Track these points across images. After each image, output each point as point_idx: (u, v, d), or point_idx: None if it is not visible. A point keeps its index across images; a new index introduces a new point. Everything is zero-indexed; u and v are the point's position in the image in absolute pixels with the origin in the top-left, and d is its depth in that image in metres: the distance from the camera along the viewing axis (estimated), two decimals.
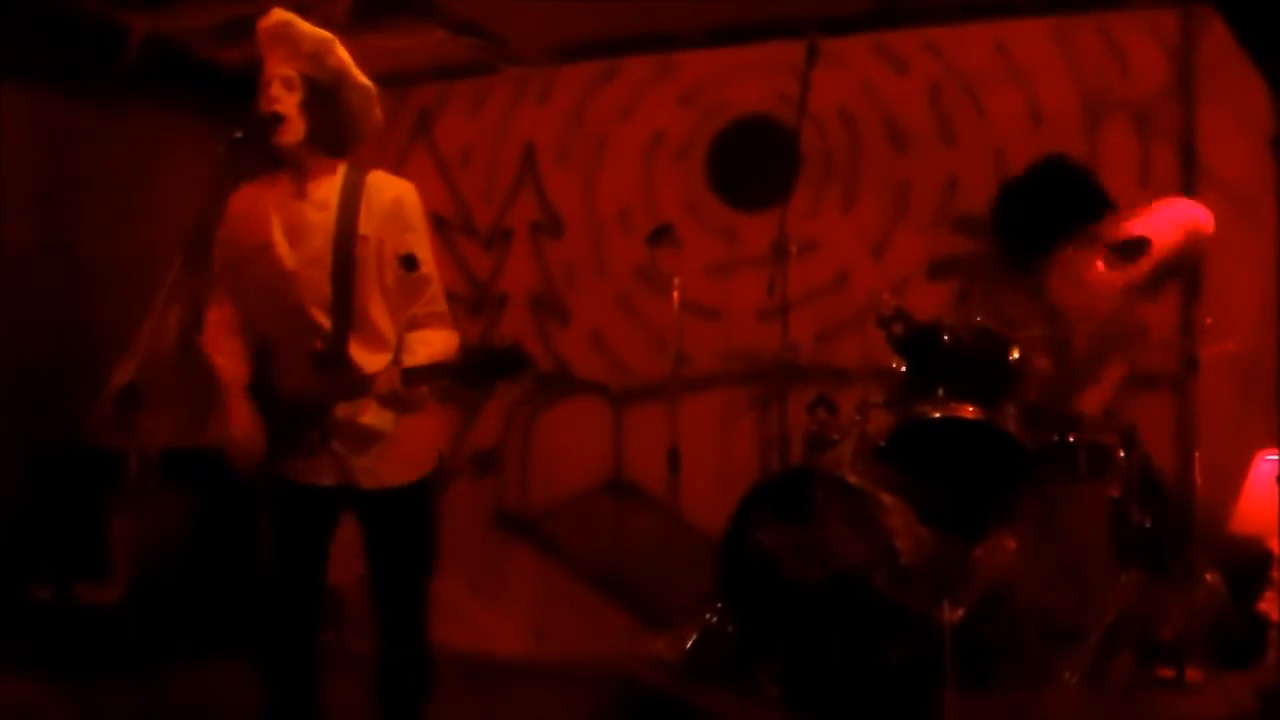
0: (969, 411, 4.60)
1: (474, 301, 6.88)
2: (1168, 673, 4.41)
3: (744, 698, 4.45)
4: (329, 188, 3.86)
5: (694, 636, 4.85)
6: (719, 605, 4.80)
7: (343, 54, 3.86)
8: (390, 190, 3.88)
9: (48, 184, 6.08)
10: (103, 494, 5.63)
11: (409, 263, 3.83)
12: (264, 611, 3.99)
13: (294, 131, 3.78)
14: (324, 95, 3.81)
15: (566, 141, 6.83)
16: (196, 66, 6.54)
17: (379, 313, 3.84)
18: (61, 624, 5.49)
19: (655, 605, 5.94)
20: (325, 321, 3.79)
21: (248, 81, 3.89)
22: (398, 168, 6.93)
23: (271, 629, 4.01)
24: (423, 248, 3.89)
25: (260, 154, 3.92)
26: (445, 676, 4.41)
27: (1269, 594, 4.78)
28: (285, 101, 3.76)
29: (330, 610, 4.68)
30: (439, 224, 6.97)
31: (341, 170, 3.89)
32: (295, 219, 3.83)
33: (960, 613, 4.15)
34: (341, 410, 3.80)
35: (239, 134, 3.77)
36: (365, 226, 3.81)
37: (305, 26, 3.81)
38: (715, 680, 4.62)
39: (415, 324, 3.88)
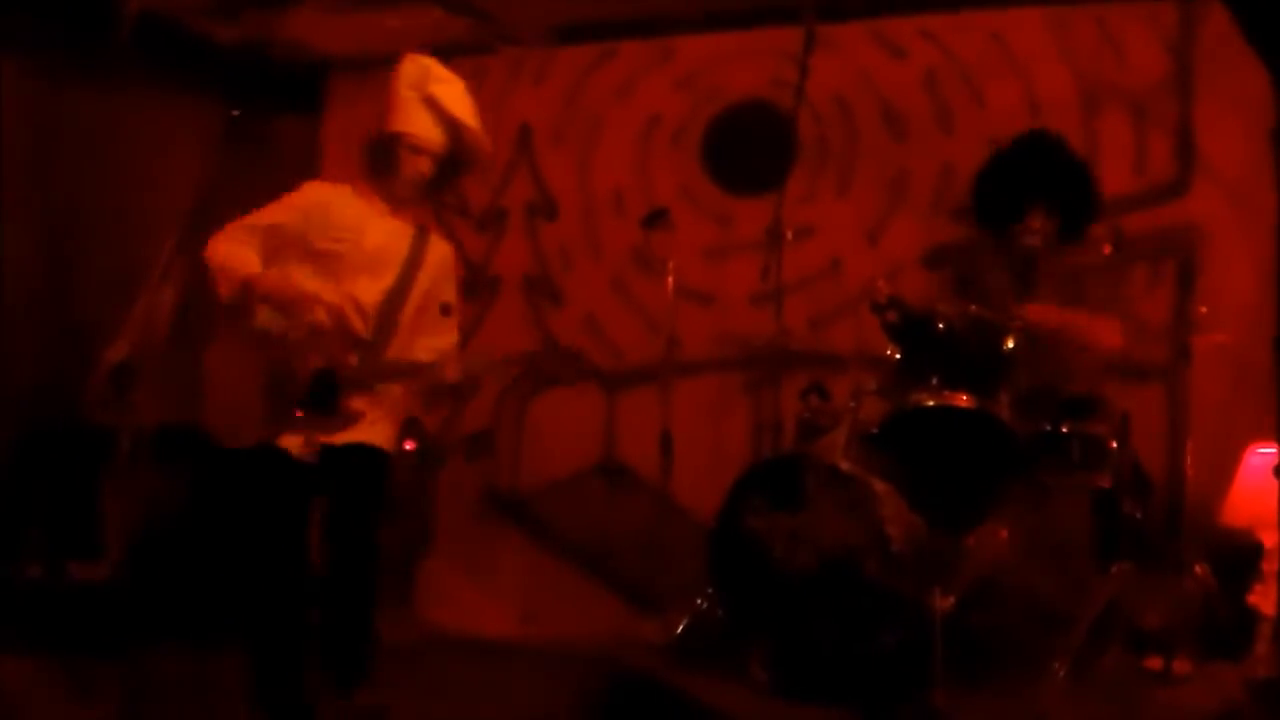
0: (963, 400, 4.60)
1: (468, 284, 6.85)
2: (1155, 664, 4.43)
3: (733, 683, 4.45)
4: (407, 222, 4.39)
5: (684, 621, 4.86)
6: (710, 590, 4.81)
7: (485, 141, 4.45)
8: (443, 246, 4.48)
9: (41, 160, 6.05)
10: (95, 471, 5.62)
11: (446, 309, 4.40)
12: (254, 585, 4.20)
13: (420, 186, 4.38)
14: (455, 165, 4.41)
15: (562, 123, 6.81)
16: (191, 42, 6.51)
17: (408, 327, 4.32)
18: (52, 601, 5.48)
19: (646, 589, 5.93)
20: (370, 315, 4.25)
21: (242, 58, 3.89)
22: None
23: (261, 600, 4.21)
24: (455, 298, 4.49)
25: (255, 133, 3.95)
26: (434, 656, 4.43)
27: (1258, 586, 4.80)
28: (429, 172, 4.34)
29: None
30: (433, 204, 6.95)
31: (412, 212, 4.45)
32: (382, 232, 4.32)
33: (951, 601, 4.16)
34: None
35: (236, 112, 3.81)
36: (429, 262, 4.37)
37: (485, 141, 4.43)
38: (705, 665, 4.63)
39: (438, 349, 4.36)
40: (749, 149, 6.37)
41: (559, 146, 6.81)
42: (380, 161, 4.32)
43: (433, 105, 4.31)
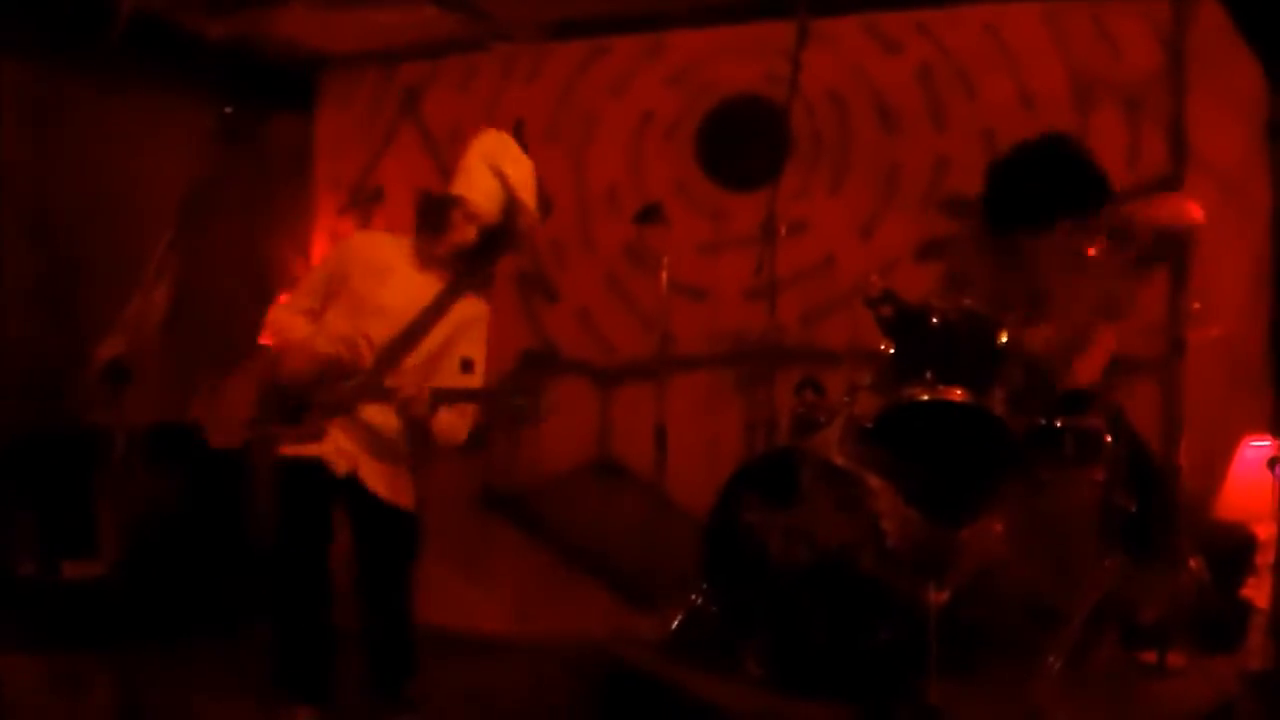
0: (957, 394, 4.59)
1: None
2: (1150, 657, 4.43)
3: (728, 679, 4.45)
4: (438, 278, 4.59)
5: (679, 617, 4.85)
6: (704, 586, 4.80)
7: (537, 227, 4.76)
8: (477, 307, 4.65)
9: (33, 158, 6.04)
10: (89, 470, 5.61)
11: (466, 365, 4.56)
12: (284, 578, 4.50)
13: (459, 251, 4.57)
14: (498, 242, 4.62)
15: (555, 120, 6.80)
16: (183, 40, 6.49)
17: (417, 370, 4.48)
18: (46, 599, 5.48)
19: (640, 585, 5.93)
20: (375, 352, 4.48)
21: (234, 55, 3.89)
22: (386, 145, 6.97)
23: (291, 595, 4.50)
24: (480, 357, 4.61)
25: (247, 130, 3.97)
26: (429, 653, 4.43)
27: (1252, 579, 4.80)
28: (473, 239, 4.55)
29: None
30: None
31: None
32: (408, 280, 4.58)
33: (946, 595, 4.15)
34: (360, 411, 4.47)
35: (228, 109, 3.83)
36: (453, 317, 4.55)
37: (537, 228, 4.76)
38: (700, 661, 4.62)
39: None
40: (742, 144, 6.37)
41: (552, 143, 6.79)
42: (432, 218, 4.56)
43: (499, 179, 4.57)
